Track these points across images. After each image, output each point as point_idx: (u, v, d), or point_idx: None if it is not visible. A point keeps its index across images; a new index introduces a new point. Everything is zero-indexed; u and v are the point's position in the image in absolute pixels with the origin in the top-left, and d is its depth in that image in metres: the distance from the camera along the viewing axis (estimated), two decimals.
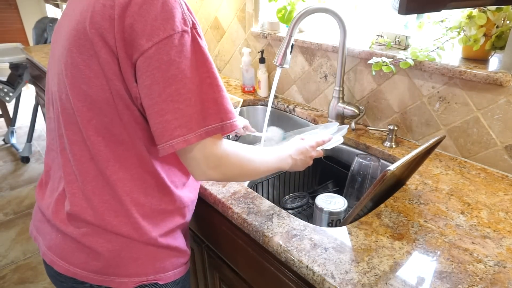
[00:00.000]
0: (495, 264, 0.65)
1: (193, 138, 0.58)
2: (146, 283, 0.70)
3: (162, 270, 0.72)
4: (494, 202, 0.83)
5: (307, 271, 0.65)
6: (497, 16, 0.91)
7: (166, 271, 0.73)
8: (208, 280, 1.09)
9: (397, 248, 0.69)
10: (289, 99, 1.49)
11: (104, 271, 0.68)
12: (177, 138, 0.57)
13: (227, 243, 0.91)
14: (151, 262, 0.70)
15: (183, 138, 0.57)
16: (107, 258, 0.67)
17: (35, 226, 0.77)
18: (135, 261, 0.69)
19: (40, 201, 0.76)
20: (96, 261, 0.67)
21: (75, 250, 0.68)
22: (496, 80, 0.89)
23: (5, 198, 2.46)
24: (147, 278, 0.70)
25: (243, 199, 0.83)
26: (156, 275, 0.71)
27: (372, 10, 1.35)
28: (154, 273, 0.71)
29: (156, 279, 0.71)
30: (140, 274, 0.69)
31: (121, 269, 0.68)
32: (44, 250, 0.72)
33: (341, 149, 1.17)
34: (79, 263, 0.68)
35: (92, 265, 0.68)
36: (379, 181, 0.69)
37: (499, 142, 0.94)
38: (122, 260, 0.68)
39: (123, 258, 0.68)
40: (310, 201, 1.12)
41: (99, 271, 0.68)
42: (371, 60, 1.07)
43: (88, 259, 0.67)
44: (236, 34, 1.66)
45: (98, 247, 0.67)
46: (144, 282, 0.70)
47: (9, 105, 3.11)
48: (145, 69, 0.56)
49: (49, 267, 0.72)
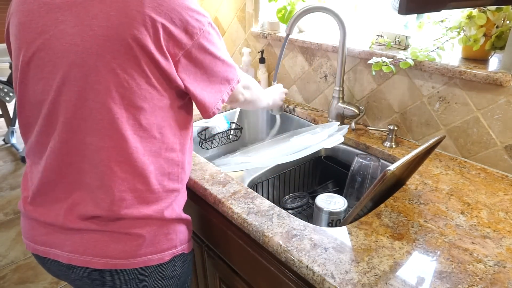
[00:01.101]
0: (495, 264, 0.65)
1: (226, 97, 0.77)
2: (176, 254, 0.78)
3: (185, 241, 0.81)
4: (494, 202, 0.83)
5: (307, 271, 0.65)
6: (497, 16, 0.91)
7: (186, 241, 0.82)
8: (208, 280, 1.09)
9: (397, 248, 0.69)
10: (289, 99, 1.49)
11: (143, 253, 0.72)
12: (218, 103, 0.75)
13: (227, 243, 0.91)
14: (177, 235, 0.78)
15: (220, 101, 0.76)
16: (144, 240, 0.71)
17: (40, 241, 0.74)
18: (166, 236, 0.75)
19: (39, 216, 0.74)
20: (134, 246, 0.71)
21: (111, 242, 0.70)
22: (496, 80, 0.89)
23: (5, 198, 2.46)
24: (176, 250, 0.78)
25: (243, 199, 0.83)
26: (182, 245, 0.80)
27: (372, 10, 1.35)
28: (181, 244, 0.79)
29: (183, 249, 0.80)
30: (171, 247, 0.76)
31: (156, 246, 0.74)
32: (68, 256, 0.71)
33: (341, 149, 1.17)
34: (117, 253, 0.70)
35: (130, 251, 0.71)
36: (379, 181, 0.69)
37: (499, 142, 0.94)
38: (157, 238, 0.73)
39: (157, 236, 0.74)
40: (310, 201, 1.12)
41: (137, 254, 0.71)
42: (371, 60, 1.07)
43: (125, 247, 0.71)
44: (236, 34, 1.66)
45: (137, 230, 0.71)
46: (175, 254, 0.78)
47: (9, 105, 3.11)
48: (189, 63, 0.68)
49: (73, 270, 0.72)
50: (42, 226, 0.74)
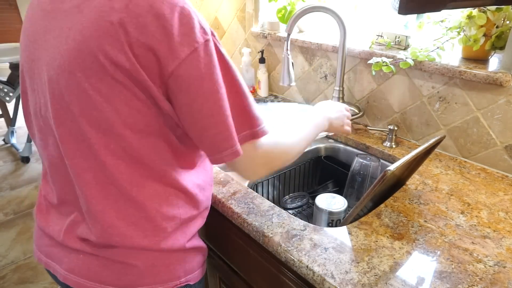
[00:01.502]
0: (495, 264, 0.65)
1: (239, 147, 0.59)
2: (179, 286, 0.70)
3: (191, 271, 0.73)
4: (494, 202, 0.83)
5: (307, 271, 0.65)
6: (497, 16, 0.91)
7: (194, 271, 0.73)
8: (208, 280, 1.09)
9: (397, 248, 0.69)
10: (289, 99, 1.49)
11: (138, 283, 0.66)
12: (226, 151, 0.59)
13: (227, 243, 0.91)
14: (181, 266, 0.70)
15: (231, 150, 0.59)
16: (140, 270, 0.66)
17: (44, 252, 0.72)
18: (167, 267, 0.68)
19: (44, 226, 0.72)
20: (129, 275, 0.66)
21: (104, 268, 0.66)
22: (496, 80, 0.89)
23: (5, 198, 2.46)
24: (179, 281, 0.70)
25: (243, 199, 0.83)
26: (187, 276, 0.72)
27: (372, 10, 1.35)
28: (185, 275, 0.71)
29: (187, 280, 0.72)
30: (173, 278, 0.69)
31: (154, 277, 0.67)
32: (64, 275, 0.68)
33: (341, 149, 1.17)
34: (110, 281, 0.65)
35: (125, 279, 0.66)
36: (379, 181, 0.69)
37: (499, 142, 0.94)
38: (155, 268, 0.67)
39: (156, 266, 0.67)
40: (310, 201, 1.12)
41: (132, 284, 0.66)
42: (371, 60, 1.07)
43: (120, 274, 0.65)
44: (236, 34, 1.66)
45: (131, 260, 0.65)
46: (177, 285, 0.70)
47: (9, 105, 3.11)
48: (179, 89, 0.55)
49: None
50: (47, 237, 0.72)
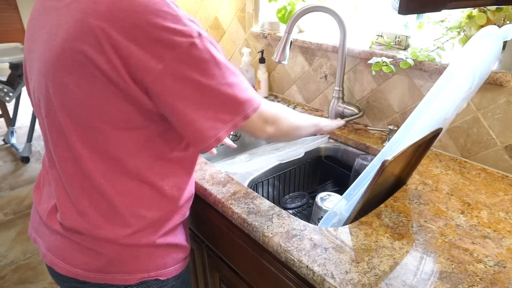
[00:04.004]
0: (495, 264, 0.65)
1: (224, 134, 0.61)
2: (148, 279, 0.71)
3: (163, 266, 0.73)
4: (494, 202, 0.82)
5: (307, 271, 0.65)
6: (497, 16, 0.91)
7: (167, 267, 0.74)
8: (208, 280, 1.09)
9: (397, 248, 0.69)
10: (289, 99, 1.49)
11: (106, 270, 0.69)
12: (210, 139, 0.61)
13: (227, 243, 0.91)
14: (151, 260, 0.71)
15: (215, 137, 0.61)
16: (108, 258, 0.68)
17: (34, 228, 0.78)
18: (135, 259, 0.70)
19: (37, 204, 0.77)
20: (97, 261, 0.68)
21: (75, 251, 0.69)
22: (496, 80, 0.89)
23: (5, 198, 2.46)
24: (148, 274, 0.71)
25: (243, 199, 0.83)
26: (157, 271, 0.72)
27: (372, 10, 1.34)
28: (155, 270, 0.72)
29: (158, 275, 0.72)
30: (142, 270, 0.70)
31: (122, 267, 0.69)
32: (44, 252, 0.73)
33: (341, 149, 1.17)
34: (80, 264, 0.68)
35: (93, 264, 0.68)
36: (379, 171, 0.68)
37: (499, 142, 0.94)
38: (123, 258, 0.69)
39: (124, 257, 0.69)
40: (310, 201, 1.12)
41: (100, 269, 0.68)
42: (371, 60, 1.07)
43: (89, 259, 0.68)
44: (236, 34, 1.66)
45: (99, 248, 0.68)
46: (146, 278, 0.71)
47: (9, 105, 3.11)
48: (161, 90, 0.56)
49: (50, 268, 0.72)
50: (37, 214, 0.76)
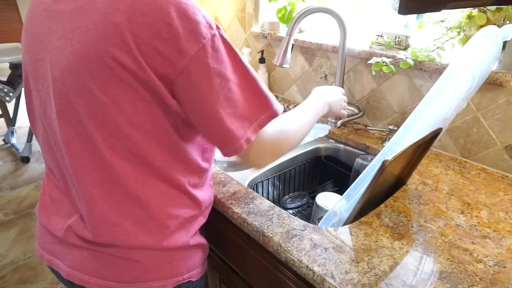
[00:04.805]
0: (495, 264, 0.65)
1: (252, 135, 0.61)
2: (182, 282, 0.72)
3: (193, 267, 0.74)
4: (494, 202, 0.82)
5: (307, 271, 0.65)
6: (497, 16, 0.91)
7: (196, 267, 0.75)
8: (208, 280, 1.09)
9: (397, 248, 0.69)
10: (289, 99, 1.49)
11: (141, 279, 0.67)
12: (239, 142, 0.60)
13: (227, 243, 0.91)
14: (184, 262, 0.72)
15: (244, 139, 0.60)
16: (145, 266, 0.67)
17: (46, 249, 0.73)
18: (170, 263, 0.69)
19: (47, 224, 0.73)
20: (133, 271, 0.66)
21: (108, 265, 0.66)
22: (496, 80, 0.89)
23: (5, 198, 2.46)
24: (182, 277, 0.71)
25: (243, 199, 0.83)
26: (189, 273, 0.73)
27: (372, 10, 1.34)
28: (188, 271, 0.73)
29: (189, 276, 0.73)
30: (176, 274, 0.70)
31: (157, 274, 0.68)
32: (67, 271, 0.69)
33: (341, 149, 1.17)
34: (114, 277, 0.66)
35: (128, 275, 0.66)
36: (379, 171, 0.68)
37: (499, 142, 0.94)
38: (160, 264, 0.68)
39: (161, 262, 0.68)
40: (310, 201, 1.12)
41: (136, 280, 0.67)
42: (371, 60, 1.07)
43: (124, 270, 0.66)
44: (236, 34, 1.66)
45: (135, 257, 0.66)
46: (180, 282, 0.71)
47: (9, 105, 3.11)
48: (188, 85, 0.56)
49: (75, 286, 0.69)
50: (49, 234, 0.73)
